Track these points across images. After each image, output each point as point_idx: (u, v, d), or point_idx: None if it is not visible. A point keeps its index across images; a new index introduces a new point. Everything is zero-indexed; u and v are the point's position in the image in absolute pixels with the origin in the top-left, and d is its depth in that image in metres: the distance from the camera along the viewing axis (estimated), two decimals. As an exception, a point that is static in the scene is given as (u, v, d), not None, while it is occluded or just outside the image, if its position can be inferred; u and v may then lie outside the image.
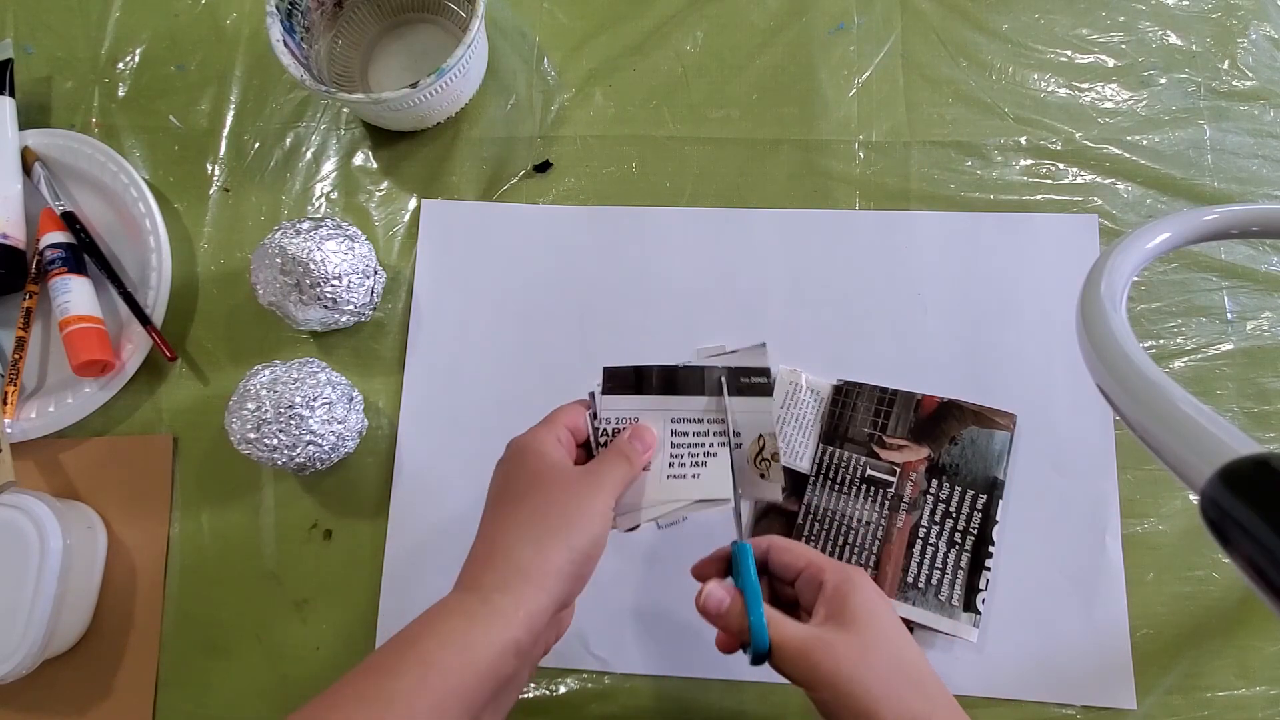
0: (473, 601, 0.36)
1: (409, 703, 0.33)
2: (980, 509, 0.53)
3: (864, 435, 0.56)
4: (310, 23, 0.61)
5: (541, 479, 0.40)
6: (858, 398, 0.56)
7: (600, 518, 0.39)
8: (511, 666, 0.36)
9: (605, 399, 0.45)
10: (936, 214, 0.60)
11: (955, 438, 0.55)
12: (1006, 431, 0.55)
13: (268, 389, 0.53)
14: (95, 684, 0.57)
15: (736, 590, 0.41)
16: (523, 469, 0.41)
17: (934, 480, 0.54)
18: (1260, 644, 0.53)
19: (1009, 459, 0.54)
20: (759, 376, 0.48)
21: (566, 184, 0.63)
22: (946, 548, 0.53)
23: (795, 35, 0.64)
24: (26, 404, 0.60)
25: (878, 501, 0.54)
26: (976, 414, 0.55)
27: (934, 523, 0.54)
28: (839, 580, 0.41)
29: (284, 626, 0.57)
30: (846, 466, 0.55)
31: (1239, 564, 0.25)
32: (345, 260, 0.55)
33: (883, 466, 0.55)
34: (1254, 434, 0.56)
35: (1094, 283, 0.35)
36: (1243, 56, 0.62)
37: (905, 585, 0.53)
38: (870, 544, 0.54)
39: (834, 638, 0.38)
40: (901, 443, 0.55)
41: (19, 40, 0.67)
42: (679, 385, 0.46)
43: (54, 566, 0.53)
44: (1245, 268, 0.58)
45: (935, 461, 0.55)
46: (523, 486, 0.40)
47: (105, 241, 0.63)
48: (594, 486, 0.40)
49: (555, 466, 0.40)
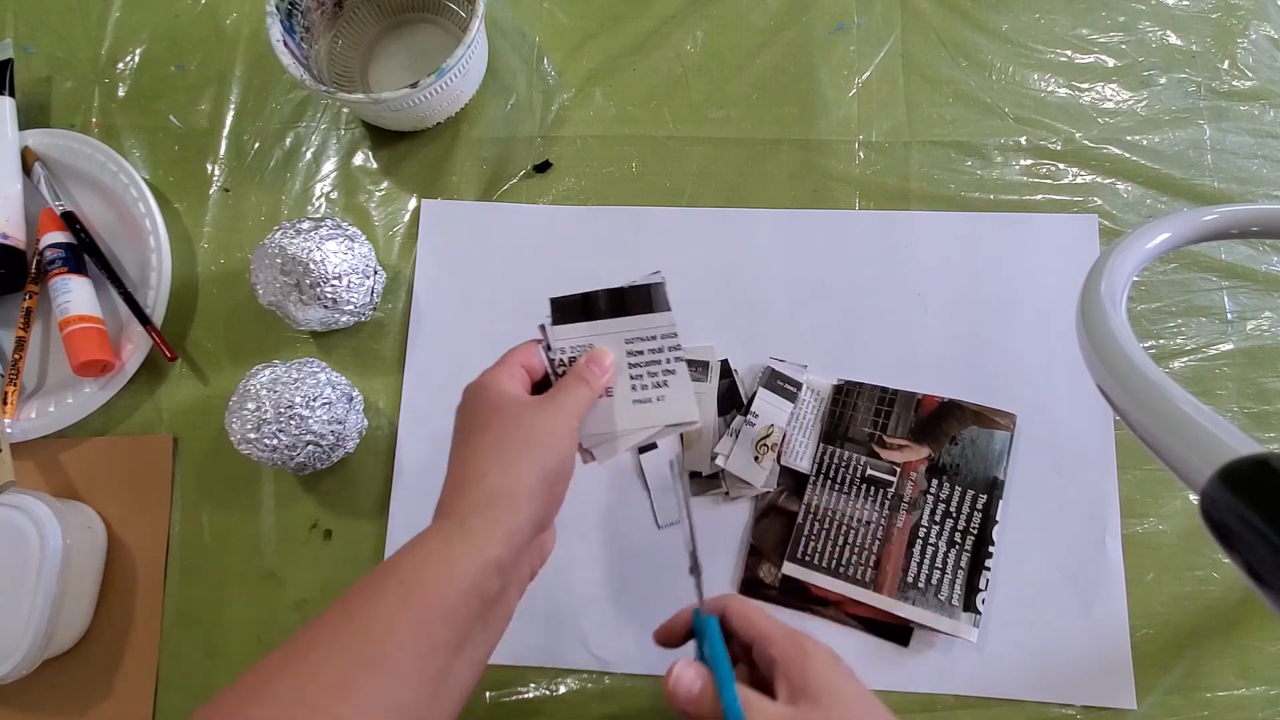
0: (449, 526, 0.36)
1: (389, 621, 0.33)
2: (980, 509, 0.53)
3: (864, 435, 0.56)
4: (310, 23, 0.61)
5: (502, 408, 0.40)
6: (858, 397, 0.56)
7: (565, 436, 0.39)
8: (496, 584, 0.36)
9: (555, 329, 0.45)
10: (936, 214, 0.60)
11: (955, 437, 0.55)
12: (1007, 431, 0.55)
13: (268, 389, 0.53)
14: (95, 684, 0.57)
15: (707, 671, 0.38)
16: (481, 402, 0.41)
17: (934, 480, 0.54)
18: (1260, 644, 0.53)
19: (1009, 459, 0.54)
20: (791, 385, 0.56)
21: (566, 184, 0.63)
22: (946, 547, 0.53)
23: (795, 35, 0.64)
24: (26, 404, 0.60)
25: (878, 501, 0.54)
26: (977, 414, 0.55)
27: (934, 522, 0.54)
28: (790, 655, 0.38)
29: (284, 626, 0.57)
30: (847, 466, 0.55)
31: (1239, 564, 0.25)
32: (345, 260, 0.55)
33: (883, 466, 0.55)
34: (1254, 434, 0.56)
35: (1094, 283, 0.35)
36: (1243, 56, 0.62)
37: (905, 585, 0.53)
38: (870, 544, 0.54)
39: (805, 718, 0.36)
40: (902, 442, 0.55)
41: (19, 40, 0.68)
42: (628, 305, 0.45)
43: (54, 566, 0.53)
44: (1245, 268, 0.58)
45: (935, 461, 0.55)
46: (483, 418, 0.40)
47: (105, 241, 0.63)
48: (554, 409, 0.40)
49: (513, 397, 0.40)
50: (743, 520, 0.56)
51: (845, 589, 0.53)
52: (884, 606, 0.52)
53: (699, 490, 0.56)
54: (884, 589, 0.53)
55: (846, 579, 0.54)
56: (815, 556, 0.54)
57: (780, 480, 0.56)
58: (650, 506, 0.57)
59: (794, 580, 0.54)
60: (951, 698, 0.53)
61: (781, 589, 0.54)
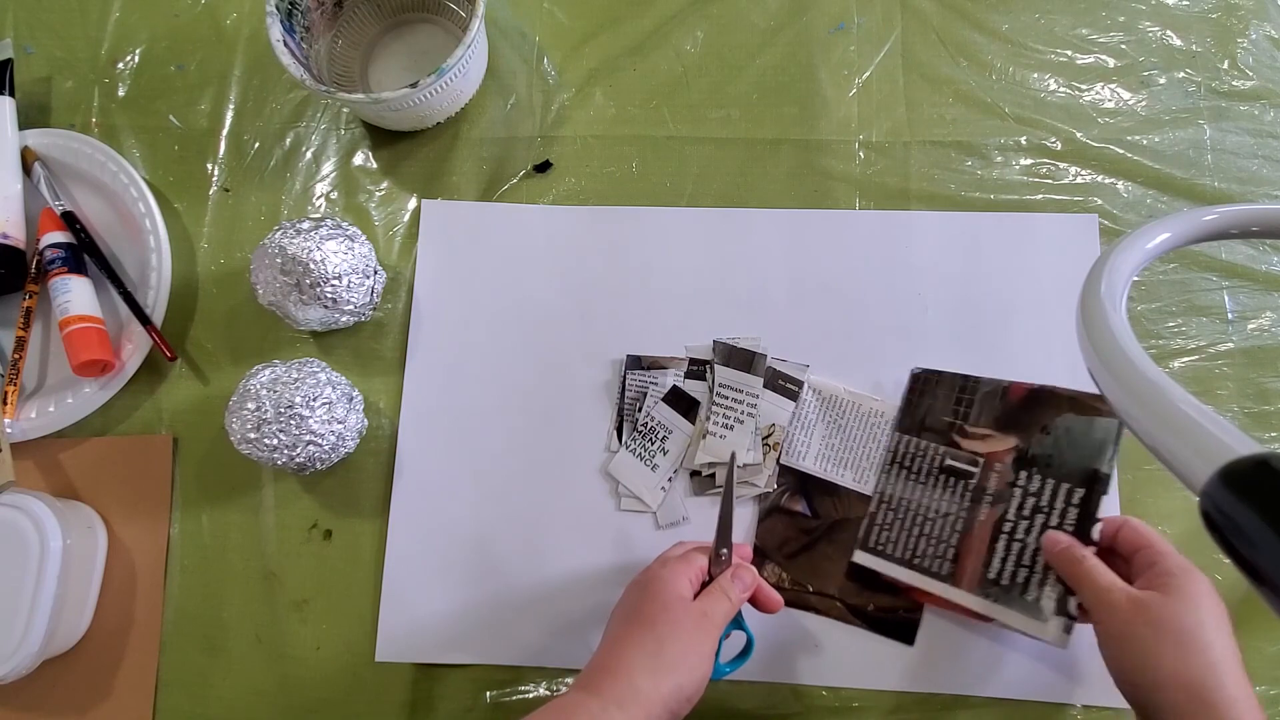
0: (595, 707, 0.41)
1: None
2: (1077, 504, 0.49)
3: (943, 424, 0.54)
4: (310, 23, 0.61)
5: (669, 609, 0.45)
6: (937, 385, 0.55)
7: (707, 661, 0.44)
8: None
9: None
10: (936, 214, 0.60)
11: (1047, 427, 0.51)
12: (1111, 419, 0.50)
13: (268, 389, 0.53)
14: (95, 684, 0.57)
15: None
16: (653, 595, 0.46)
17: (1022, 472, 0.51)
18: (1260, 644, 0.53)
19: (1115, 449, 0.49)
20: (792, 385, 0.57)
21: (566, 184, 0.63)
22: (1037, 544, 0.49)
23: (795, 35, 0.64)
24: (26, 404, 0.60)
25: (958, 493, 0.52)
26: (1073, 400, 0.51)
27: (1022, 517, 0.50)
28: (1169, 562, 0.44)
29: (284, 626, 0.57)
30: (924, 455, 0.54)
31: (1238, 564, 0.25)
32: (345, 260, 0.55)
33: (964, 457, 0.53)
34: (1254, 434, 0.56)
35: (1094, 283, 0.35)
36: (1243, 56, 0.62)
37: (986, 582, 0.50)
38: (949, 536, 0.52)
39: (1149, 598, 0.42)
40: (985, 432, 0.53)
41: (19, 40, 0.67)
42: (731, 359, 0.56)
43: (54, 566, 0.53)
44: (1245, 268, 0.58)
45: (1025, 452, 0.51)
46: (650, 612, 0.45)
47: (105, 241, 0.63)
48: (706, 630, 0.45)
49: (681, 600, 0.45)
50: (747, 521, 0.56)
51: (920, 581, 0.51)
52: (962, 602, 0.50)
53: (698, 490, 0.56)
54: (963, 583, 0.50)
55: (922, 570, 0.52)
56: (889, 546, 0.53)
57: (782, 479, 0.56)
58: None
59: (863, 569, 0.53)
60: (950, 697, 0.53)
61: (850, 576, 0.54)
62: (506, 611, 0.56)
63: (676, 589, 0.45)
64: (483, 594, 0.56)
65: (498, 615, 0.56)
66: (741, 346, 0.58)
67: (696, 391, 0.58)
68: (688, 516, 0.56)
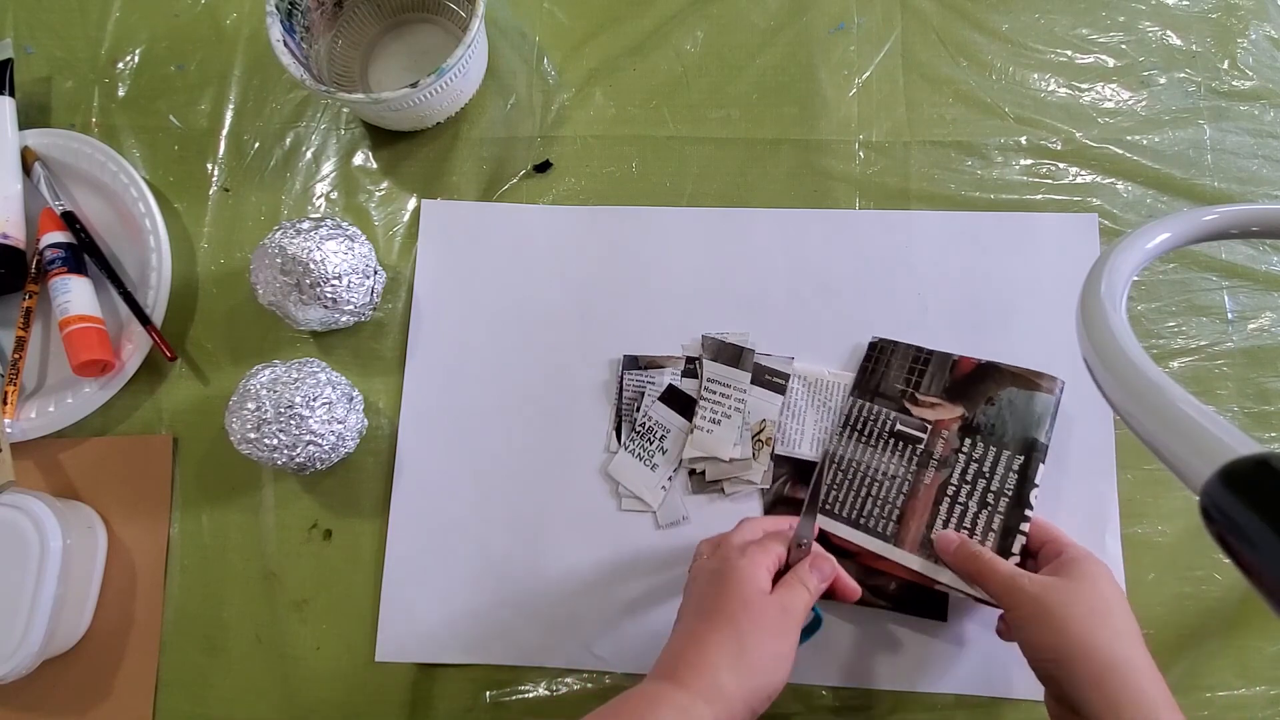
0: (684, 700, 0.41)
1: None
2: (1016, 470, 0.52)
3: (896, 391, 0.56)
4: (310, 23, 0.61)
5: (750, 605, 0.44)
6: (892, 354, 0.57)
7: (788, 661, 0.44)
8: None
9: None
10: (936, 214, 0.60)
11: (992, 398, 0.54)
12: (1049, 394, 0.53)
13: (268, 389, 0.53)
14: (95, 684, 0.57)
15: None
16: (731, 587, 0.44)
17: (967, 439, 0.53)
18: (1260, 644, 0.53)
19: (1053, 422, 0.53)
20: (779, 378, 0.57)
21: (566, 184, 0.63)
22: (978, 508, 0.51)
23: (795, 35, 0.64)
24: (26, 404, 0.60)
25: (906, 456, 0.54)
26: (1015, 375, 0.54)
27: (965, 482, 0.52)
28: (1070, 553, 0.47)
29: (284, 626, 0.57)
30: (876, 420, 0.55)
31: (1238, 564, 0.25)
32: (345, 260, 0.55)
33: (914, 423, 0.55)
34: (1254, 434, 0.56)
35: (1094, 283, 0.35)
36: (1243, 56, 0.62)
37: (928, 541, 0.51)
38: (894, 498, 0.53)
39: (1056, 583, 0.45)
40: (935, 400, 0.55)
41: (19, 40, 0.67)
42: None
43: (54, 566, 0.53)
44: (1245, 268, 0.58)
45: (970, 421, 0.54)
46: (730, 607, 0.44)
47: (105, 241, 0.63)
48: (788, 628, 0.44)
49: (761, 593, 0.45)
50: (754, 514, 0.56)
51: (865, 540, 0.53)
52: (904, 562, 0.51)
53: (697, 490, 0.56)
54: (905, 544, 0.52)
55: (866, 530, 0.53)
56: (836, 506, 0.54)
57: (781, 469, 0.56)
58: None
59: None
60: (950, 697, 0.53)
61: None
62: (506, 611, 0.56)
63: (757, 583, 0.45)
64: (483, 594, 0.56)
65: (498, 615, 0.56)
66: (729, 341, 0.58)
67: (692, 390, 0.58)
68: (688, 516, 0.56)
